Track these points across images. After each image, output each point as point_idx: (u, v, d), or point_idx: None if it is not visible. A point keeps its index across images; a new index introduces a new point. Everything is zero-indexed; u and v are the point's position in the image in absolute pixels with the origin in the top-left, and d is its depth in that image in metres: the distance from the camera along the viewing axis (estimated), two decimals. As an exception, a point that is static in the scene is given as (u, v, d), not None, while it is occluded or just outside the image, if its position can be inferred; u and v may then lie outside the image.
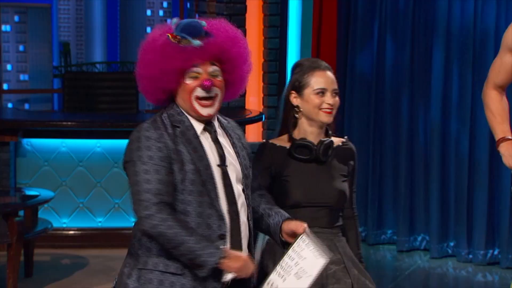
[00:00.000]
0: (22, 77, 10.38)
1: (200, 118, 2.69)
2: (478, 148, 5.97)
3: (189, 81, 2.65)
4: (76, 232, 6.04)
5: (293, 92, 3.03)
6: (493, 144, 3.41)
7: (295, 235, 2.70)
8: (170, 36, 2.66)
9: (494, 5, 5.89)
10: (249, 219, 2.70)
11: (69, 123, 5.94)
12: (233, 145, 2.73)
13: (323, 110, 2.99)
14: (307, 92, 3.00)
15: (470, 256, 5.99)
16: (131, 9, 12.86)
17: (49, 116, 7.20)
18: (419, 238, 6.22)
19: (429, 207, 6.12)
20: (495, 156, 5.85)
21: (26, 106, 9.94)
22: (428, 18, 6.10)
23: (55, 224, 5.74)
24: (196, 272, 2.58)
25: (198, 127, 2.69)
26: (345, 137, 3.13)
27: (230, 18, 6.81)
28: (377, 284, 3.15)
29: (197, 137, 2.66)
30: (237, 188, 2.68)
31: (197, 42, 2.64)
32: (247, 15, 6.86)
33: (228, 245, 2.63)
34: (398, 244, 6.21)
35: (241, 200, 2.68)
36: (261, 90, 7.01)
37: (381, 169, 6.29)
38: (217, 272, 2.59)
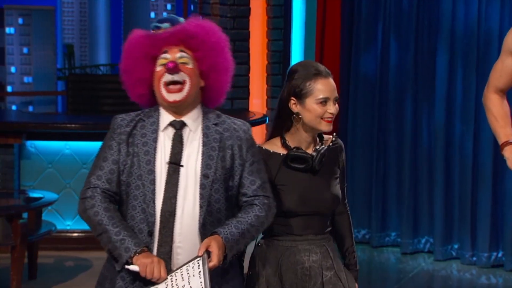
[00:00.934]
0: (26, 79, 10.38)
1: (169, 107, 2.70)
2: (482, 150, 5.96)
3: (159, 68, 2.69)
4: (80, 234, 6.05)
5: (293, 98, 2.94)
6: (497, 146, 3.41)
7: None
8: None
9: (498, 7, 5.89)
10: (205, 219, 2.65)
11: (73, 125, 5.95)
12: (204, 144, 2.70)
13: (325, 119, 2.93)
14: (309, 101, 2.92)
15: (474, 258, 5.98)
16: (135, 11, 12.87)
17: (53, 118, 7.20)
18: (423, 241, 6.21)
19: (433, 210, 6.12)
20: (499, 159, 5.84)
21: (30, 108, 9.95)
22: (432, 19, 6.09)
23: (59, 226, 5.75)
24: (114, 264, 2.62)
25: (164, 123, 2.71)
26: (334, 134, 3.05)
27: (233, 20, 6.82)
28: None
29: (155, 132, 2.69)
30: (188, 188, 2.66)
31: (165, 25, 2.69)
32: (250, 17, 6.87)
33: (155, 243, 2.64)
34: (402, 247, 6.20)
35: (191, 200, 2.65)
36: (264, 92, 7.01)
37: (385, 171, 6.29)
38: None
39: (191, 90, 2.68)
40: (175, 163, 2.66)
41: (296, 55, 6.79)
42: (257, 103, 6.97)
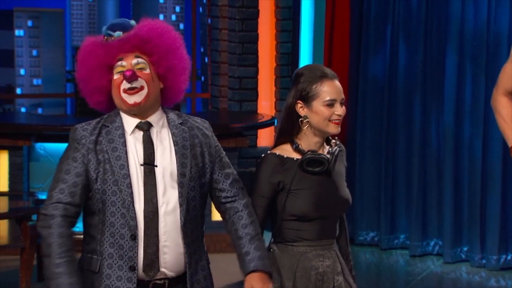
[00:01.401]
0: (35, 81, 10.43)
1: (130, 111, 2.70)
2: (492, 152, 5.94)
3: (116, 76, 2.69)
4: (88, 236, 6.05)
5: (299, 102, 2.93)
6: (507, 148, 3.41)
7: None
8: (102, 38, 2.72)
9: (508, 9, 5.87)
10: (185, 217, 2.68)
11: (82, 127, 5.95)
12: (175, 143, 2.71)
13: (333, 121, 2.92)
14: (316, 103, 2.91)
15: (484, 261, 5.96)
16: (143, 13, 12.87)
17: (62, 121, 7.22)
18: (432, 243, 6.19)
19: (442, 212, 6.10)
20: (509, 161, 5.82)
21: (39, 110, 9.98)
22: (441, 21, 6.08)
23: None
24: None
25: (130, 126, 2.71)
26: (335, 137, 3.03)
27: (242, 22, 6.82)
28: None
29: (122, 136, 2.69)
30: (166, 187, 2.67)
31: (118, 33, 2.68)
32: (259, 19, 6.87)
33: (141, 244, 2.65)
34: (411, 249, 6.18)
35: (171, 199, 2.68)
36: (273, 94, 7.01)
37: (394, 173, 6.27)
38: (130, 274, 2.64)
39: (150, 94, 2.70)
40: (149, 164, 2.67)
41: (305, 57, 6.79)
42: (266, 105, 6.97)
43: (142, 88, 2.68)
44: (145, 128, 2.71)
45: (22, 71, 10.23)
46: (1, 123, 6.00)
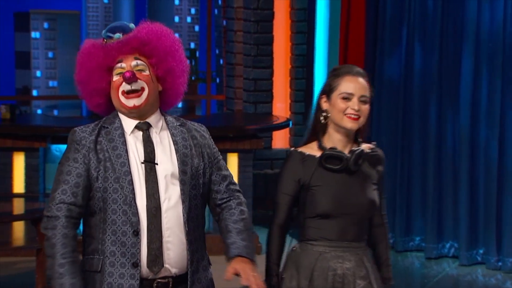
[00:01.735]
0: (51, 83, 10.47)
1: (129, 113, 2.73)
2: (508, 154, 5.92)
3: (115, 78, 2.72)
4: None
5: (323, 96, 2.96)
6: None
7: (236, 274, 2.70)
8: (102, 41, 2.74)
9: (524, 10, 5.85)
10: (188, 214, 2.70)
11: (97, 129, 5.97)
12: (175, 142, 2.74)
13: (347, 115, 2.92)
14: (334, 95, 2.93)
15: (500, 263, 5.93)
16: (159, 15, 12.93)
17: (78, 122, 7.24)
18: (448, 245, 6.17)
19: (458, 214, 6.08)
20: (525, 163, 5.82)
21: (55, 112, 10.02)
22: (457, 22, 6.06)
23: (84, 230, 5.77)
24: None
25: (129, 127, 2.74)
26: (373, 142, 3.06)
27: (257, 24, 6.82)
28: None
29: (122, 136, 2.71)
30: (168, 184, 2.69)
31: (117, 35, 2.70)
32: (274, 21, 6.87)
33: (145, 241, 2.66)
34: (426, 251, 6.16)
35: (173, 196, 2.69)
36: (288, 96, 7.01)
37: (409, 175, 6.26)
38: (133, 271, 2.65)
39: (150, 96, 2.72)
40: (150, 162, 2.70)
41: (320, 59, 6.78)
42: (281, 107, 6.97)
43: (142, 90, 2.71)
44: (144, 128, 2.74)
45: (38, 73, 10.27)
46: (17, 125, 6.03)
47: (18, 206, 5.43)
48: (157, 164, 2.70)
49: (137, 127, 2.74)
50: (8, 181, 5.98)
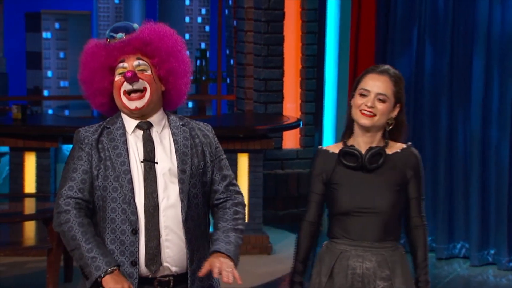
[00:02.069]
0: (62, 83, 10.49)
1: (131, 114, 2.75)
2: (519, 155, 5.90)
3: (117, 77, 2.73)
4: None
5: (353, 93, 3.00)
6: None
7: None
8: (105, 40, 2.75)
9: (536, 10, 5.83)
10: (187, 213, 2.71)
11: (108, 129, 5.99)
12: (175, 141, 2.76)
13: (362, 111, 2.93)
14: (356, 92, 2.97)
15: (511, 264, 5.92)
16: (169, 16, 12.94)
17: (89, 122, 7.25)
18: (459, 246, 6.16)
19: (469, 215, 6.06)
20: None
21: (66, 112, 10.04)
22: (468, 23, 6.04)
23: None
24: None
25: (130, 126, 2.76)
26: (409, 143, 3.04)
27: (268, 24, 6.82)
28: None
29: (123, 135, 2.73)
30: (166, 183, 2.71)
31: (120, 35, 2.72)
32: (285, 21, 6.87)
33: (142, 239, 2.67)
34: (437, 252, 6.15)
35: (171, 195, 2.71)
36: (298, 96, 7.01)
37: (420, 176, 6.24)
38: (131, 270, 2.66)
39: (152, 97, 2.74)
40: (149, 161, 2.71)
41: (331, 59, 6.77)
42: (291, 107, 6.96)
43: (144, 90, 2.72)
44: (145, 127, 2.76)
45: (49, 73, 10.30)
46: (29, 125, 6.06)
47: (29, 206, 5.45)
48: (156, 163, 2.72)
49: (138, 126, 2.76)
50: (20, 181, 6.00)
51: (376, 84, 2.94)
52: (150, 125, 2.76)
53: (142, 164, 2.71)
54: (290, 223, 6.83)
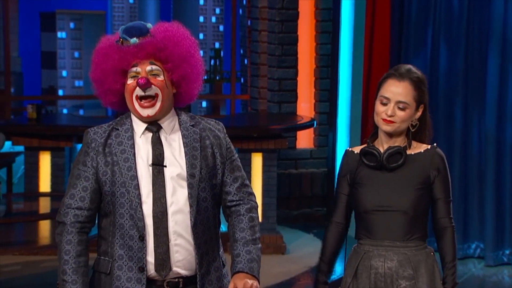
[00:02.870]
0: (77, 83, 10.53)
1: (142, 119, 2.72)
2: (534, 155, 5.87)
3: (130, 81, 2.70)
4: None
5: (376, 96, 3.00)
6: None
7: None
8: (117, 40, 2.72)
9: (551, 10, 5.80)
10: (195, 218, 2.69)
11: (122, 129, 6.00)
12: (185, 144, 2.72)
13: (383, 118, 2.94)
14: (377, 97, 2.98)
15: (526, 264, 5.90)
16: (184, 15, 12.96)
17: (103, 122, 7.27)
18: (473, 246, 6.14)
19: (484, 215, 6.04)
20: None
21: (81, 111, 10.08)
22: (483, 23, 6.02)
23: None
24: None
25: (140, 128, 2.73)
26: (434, 144, 3.03)
27: (282, 24, 6.82)
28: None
29: (131, 138, 2.70)
30: (175, 187, 2.69)
31: (134, 40, 2.68)
32: (299, 21, 6.86)
33: (151, 245, 2.67)
34: (452, 252, 6.13)
35: (180, 199, 2.68)
36: (312, 96, 7.00)
37: (434, 176, 6.22)
38: (140, 275, 2.66)
39: (163, 103, 2.71)
40: (158, 164, 2.69)
41: (345, 59, 6.76)
42: (305, 107, 6.96)
43: (156, 96, 2.70)
44: (154, 129, 2.73)
45: (64, 73, 10.33)
46: (44, 125, 6.08)
47: (44, 205, 5.47)
48: (165, 166, 2.70)
49: (147, 128, 2.73)
50: (35, 180, 6.03)
51: (395, 92, 2.93)
52: (159, 128, 2.74)
53: (151, 168, 2.69)
54: (304, 223, 6.83)
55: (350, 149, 3.05)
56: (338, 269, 3.17)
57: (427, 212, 3.02)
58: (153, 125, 2.73)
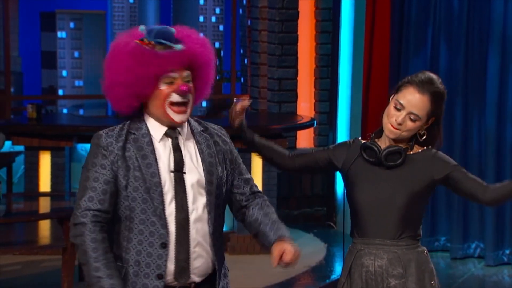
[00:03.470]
0: (77, 82, 10.52)
1: (169, 124, 2.69)
2: (534, 154, 5.87)
3: (163, 87, 2.67)
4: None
5: (391, 95, 3.00)
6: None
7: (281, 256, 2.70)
8: (142, 42, 2.66)
9: (551, 10, 5.80)
10: (214, 225, 2.69)
11: (122, 128, 6.00)
12: (200, 151, 2.72)
13: (390, 123, 2.94)
14: (392, 98, 2.97)
15: (526, 264, 5.90)
16: (184, 15, 12.95)
17: (104, 122, 7.28)
18: (473, 246, 6.14)
19: (484, 214, 6.04)
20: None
21: (81, 111, 10.08)
22: (483, 22, 6.02)
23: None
24: None
25: (158, 133, 2.70)
26: (429, 147, 3.02)
27: (282, 23, 6.82)
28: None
29: (150, 144, 2.67)
30: (195, 194, 2.68)
31: (179, 46, 2.66)
32: (299, 20, 6.86)
33: (172, 252, 2.64)
34: (452, 252, 6.13)
35: (200, 206, 2.68)
36: (312, 96, 7.00)
37: (435, 176, 6.23)
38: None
39: (191, 108, 2.72)
40: (179, 171, 2.67)
41: (345, 59, 6.76)
42: (305, 106, 6.96)
43: (188, 102, 2.69)
44: (174, 135, 2.71)
45: (64, 73, 10.33)
46: (44, 125, 6.08)
47: (44, 205, 5.47)
48: (185, 173, 2.68)
49: (166, 133, 2.70)
50: (35, 180, 6.03)
51: (412, 102, 2.92)
52: (178, 133, 2.72)
53: (172, 174, 2.66)
54: (304, 223, 6.83)
55: (359, 138, 3.04)
56: (338, 270, 3.17)
57: (421, 213, 3.04)
58: (172, 131, 2.71)
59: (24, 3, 9.24)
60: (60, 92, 9.86)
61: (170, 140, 2.71)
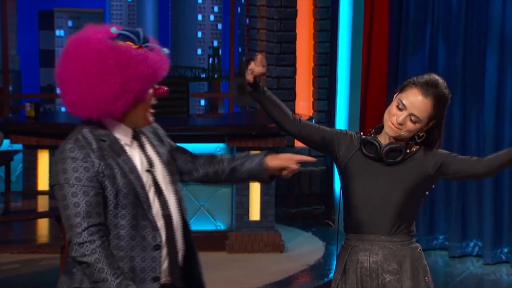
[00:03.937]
0: (75, 81, 10.48)
1: (138, 127, 2.68)
2: (532, 153, 5.87)
3: (152, 91, 2.67)
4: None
5: (395, 94, 3.00)
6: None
7: (283, 169, 2.74)
8: (134, 46, 2.61)
9: (549, 8, 5.80)
10: (186, 219, 2.71)
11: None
12: (152, 145, 2.72)
13: (391, 121, 2.94)
14: (395, 97, 2.97)
15: (524, 262, 5.91)
16: (182, 14, 12.95)
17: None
18: (471, 244, 6.14)
19: (482, 213, 6.05)
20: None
21: (79, 110, 10.05)
22: (481, 22, 6.02)
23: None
24: None
25: (125, 138, 2.65)
26: (422, 147, 3.02)
27: (280, 22, 6.82)
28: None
29: (123, 149, 2.63)
30: (167, 188, 2.68)
31: (165, 50, 2.67)
32: (297, 19, 6.86)
33: (165, 252, 2.63)
34: (450, 250, 6.14)
35: (172, 198, 2.68)
36: (311, 94, 7.00)
37: (433, 174, 6.23)
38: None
39: None
40: (150, 171, 2.67)
41: (343, 57, 6.77)
42: (303, 105, 6.96)
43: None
44: (137, 137, 2.69)
45: (62, 71, 10.30)
46: (42, 123, 6.08)
47: (43, 204, 5.47)
48: (154, 170, 2.68)
49: (133, 137, 2.68)
50: (33, 178, 6.03)
51: (415, 104, 2.93)
52: (139, 135, 2.70)
53: (149, 174, 2.65)
54: (303, 221, 6.83)
55: (362, 133, 3.04)
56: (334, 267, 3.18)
57: (416, 210, 3.04)
58: (136, 133, 2.69)
59: (22, 2, 9.24)
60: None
61: (136, 141, 2.68)
